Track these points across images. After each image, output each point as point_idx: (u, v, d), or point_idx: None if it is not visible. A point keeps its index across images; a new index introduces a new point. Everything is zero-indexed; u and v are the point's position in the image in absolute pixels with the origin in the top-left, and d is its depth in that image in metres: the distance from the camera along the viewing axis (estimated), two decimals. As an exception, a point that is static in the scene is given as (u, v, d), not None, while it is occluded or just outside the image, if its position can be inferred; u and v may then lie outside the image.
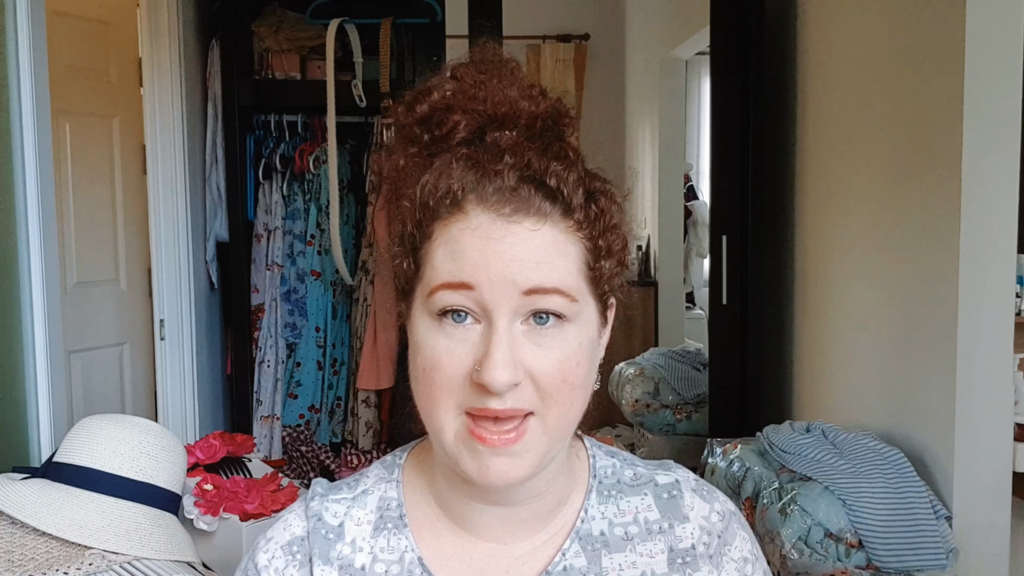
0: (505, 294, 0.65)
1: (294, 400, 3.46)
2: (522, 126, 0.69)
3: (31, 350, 2.11)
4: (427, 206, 0.69)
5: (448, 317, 0.67)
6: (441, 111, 0.70)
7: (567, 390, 0.68)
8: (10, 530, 1.44)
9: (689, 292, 5.66)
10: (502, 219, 0.66)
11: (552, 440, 0.69)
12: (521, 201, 0.67)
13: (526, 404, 0.66)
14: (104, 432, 1.57)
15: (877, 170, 2.60)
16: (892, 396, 2.51)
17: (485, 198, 0.67)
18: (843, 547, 2.13)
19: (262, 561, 0.75)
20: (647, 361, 4.08)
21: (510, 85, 0.70)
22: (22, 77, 2.07)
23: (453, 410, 0.67)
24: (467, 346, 0.66)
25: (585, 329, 0.70)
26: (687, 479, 0.80)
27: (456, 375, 0.66)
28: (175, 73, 3.20)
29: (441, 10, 3.31)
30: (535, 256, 0.66)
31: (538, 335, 0.67)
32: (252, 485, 1.86)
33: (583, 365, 0.69)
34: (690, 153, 5.75)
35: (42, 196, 2.11)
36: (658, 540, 0.76)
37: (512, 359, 0.65)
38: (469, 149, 0.69)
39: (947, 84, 2.21)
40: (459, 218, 0.67)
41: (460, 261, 0.66)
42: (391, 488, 0.77)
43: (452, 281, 0.66)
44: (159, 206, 3.23)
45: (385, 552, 0.74)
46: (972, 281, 2.17)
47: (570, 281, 0.68)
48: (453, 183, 0.68)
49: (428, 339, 0.68)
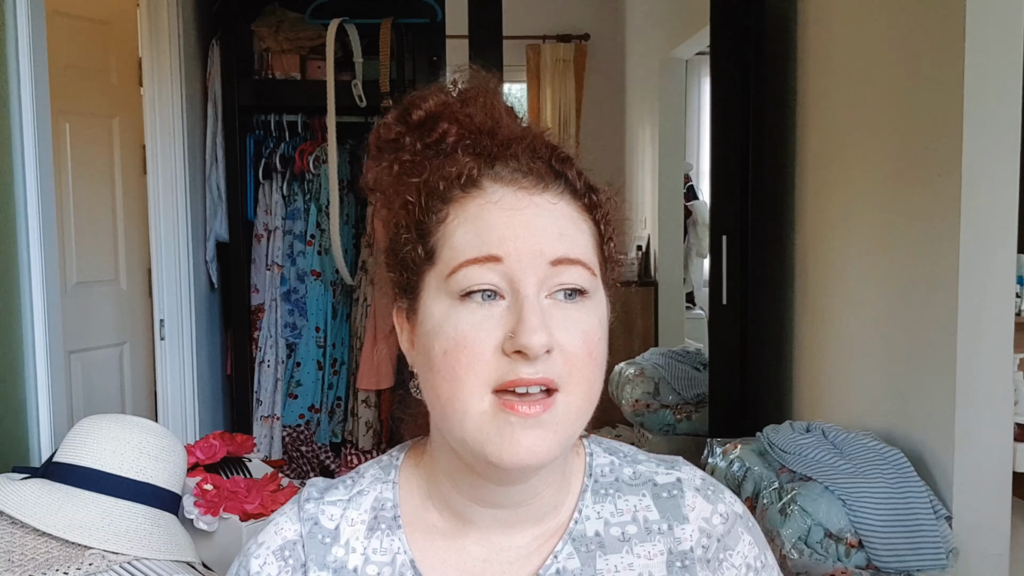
0: (532, 264, 0.66)
1: (294, 400, 3.46)
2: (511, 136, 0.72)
3: (31, 350, 2.11)
4: (437, 190, 0.69)
5: (474, 297, 0.66)
6: (434, 119, 0.72)
7: (592, 365, 0.68)
8: (10, 530, 1.44)
9: (689, 292, 5.65)
10: (523, 191, 0.68)
11: (577, 420, 0.68)
12: (537, 177, 0.69)
13: (554, 375, 0.66)
14: (104, 432, 1.57)
15: (877, 170, 2.60)
16: (892, 396, 2.51)
17: (502, 176, 0.69)
18: (843, 547, 2.13)
19: (254, 567, 0.74)
20: (647, 361, 4.08)
21: (496, 102, 0.73)
22: (22, 77, 2.07)
23: (480, 389, 0.66)
24: (493, 320, 0.66)
25: (602, 307, 0.71)
26: (691, 478, 0.78)
27: (485, 350, 0.65)
28: (175, 73, 3.20)
29: (441, 10, 3.31)
30: (558, 227, 0.68)
31: (562, 309, 0.67)
32: (252, 485, 1.86)
33: (603, 342, 0.70)
34: (690, 153, 5.74)
35: (42, 196, 2.11)
36: (657, 541, 0.74)
37: (545, 324, 0.65)
38: (473, 143, 0.71)
39: (947, 84, 2.21)
40: (477, 195, 0.68)
41: (486, 235, 0.67)
42: (387, 489, 0.76)
43: (479, 256, 0.66)
44: (159, 206, 3.23)
45: (377, 553, 0.74)
46: (972, 281, 2.17)
47: (589, 256, 0.69)
48: (468, 163, 0.69)
49: (449, 320, 0.67)
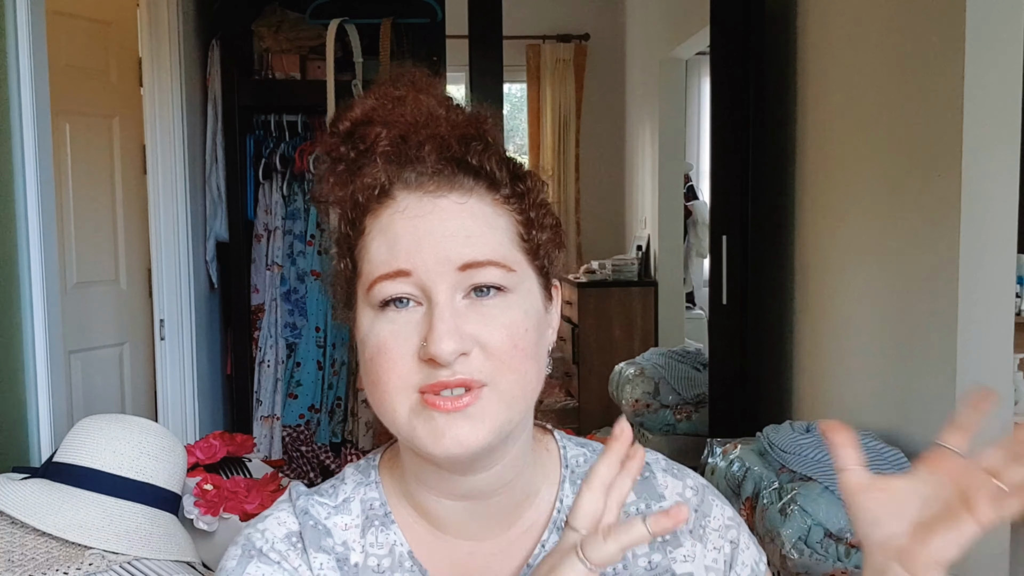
0: (441, 272, 0.66)
1: (294, 400, 3.46)
2: (442, 129, 0.71)
3: (31, 350, 2.11)
4: (357, 203, 0.70)
5: (390, 306, 0.68)
6: (362, 125, 0.72)
7: (519, 356, 0.68)
8: (10, 530, 1.44)
9: (689, 292, 5.65)
10: (428, 196, 0.68)
11: (509, 408, 0.68)
12: (444, 178, 0.69)
13: (477, 374, 0.66)
14: (104, 432, 1.57)
15: (877, 169, 2.60)
16: (892, 396, 2.51)
17: (409, 182, 0.69)
18: (843, 547, 2.13)
19: (264, 546, 0.73)
20: (647, 361, 4.08)
21: (427, 97, 0.72)
22: (22, 77, 2.07)
23: (404, 390, 0.67)
24: (411, 327, 0.67)
25: (529, 298, 0.70)
26: (656, 460, 0.82)
27: (403, 355, 0.67)
28: (175, 73, 3.21)
29: (441, 10, 3.31)
30: (464, 230, 0.68)
31: (481, 307, 0.67)
32: (252, 485, 1.86)
33: (531, 333, 0.69)
34: (690, 153, 5.74)
35: (42, 196, 2.11)
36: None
37: (456, 329, 0.65)
38: (392, 148, 0.71)
39: (947, 84, 2.21)
40: (388, 204, 0.69)
41: (394, 248, 0.68)
42: (371, 489, 0.77)
43: (389, 271, 0.67)
44: (159, 206, 3.23)
45: (375, 547, 0.75)
46: (972, 281, 2.17)
47: (503, 252, 0.69)
48: (379, 175, 0.70)
49: (373, 330, 0.69)
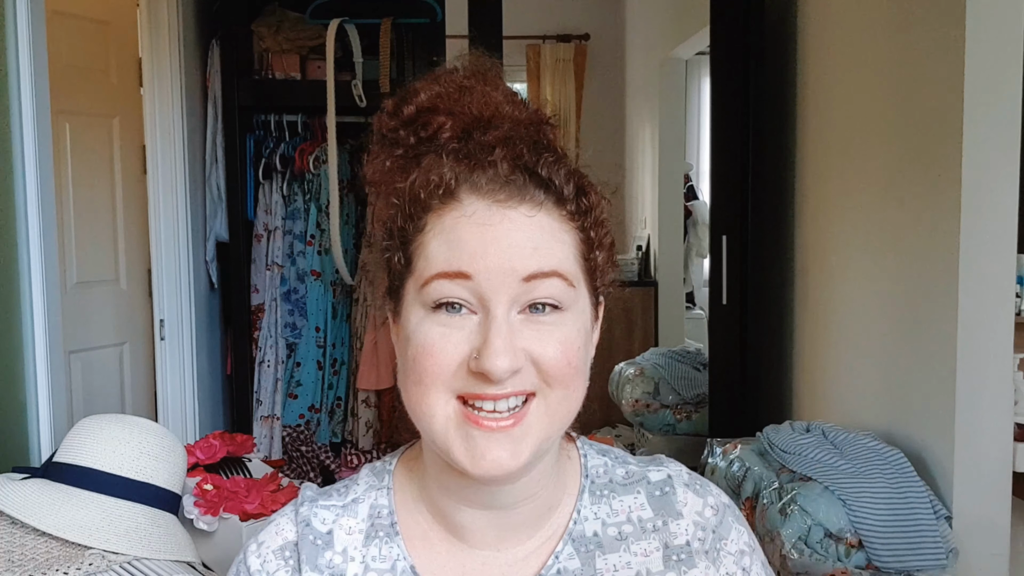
0: (504, 282, 0.65)
1: (294, 400, 3.46)
2: (507, 127, 0.70)
3: (31, 350, 2.11)
4: (418, 198, 0.68)
5: (443, 309, 0.66)
6: (427, 113, 0.70)
7: (572, 373, 0.67)
8: (10, 530, 1.44)
9: (689, 292, 5.65)
10: (498, 205, 0.66)
11: (551, 424, 0.68)
12: (515, 188, 0.67)
13: (528, 386, 0.66)
14: (104, 432, 1.57)
15: (877, 170, 2.60)
16: (892, 396, 2.51)
17: (479, 187, 0.67)
18: (843, 547, 2.13)
19: (254, 566, 0.73)
20: (647, 361, 4.08)
21: (494, 89, 0.71)
22: (22, 77, 2.07)
23: (444, 395, 0.66)
24: (463, 333, 0.66)
25: (582, 317, 0.70)
26: (679, 474, 0.79)
27: (450, 361, 0.65)
28: (175, 73, 3.20)
29: (441, 10, 3.31)
30: (532, 242, 0.66)
31: (536, 323, 0.66)
32: (252, 485, 1.86)
33: (583, 350, 0.69)
34: (690, 153, 5.74)
35: (42, 196, 2.11)
36: (652, 538, 0.75)
37: (512, 346, 0.65)
38: (459, 144, 0.69)
39: (947, 84, 2.21)
40: (453, 207, 0.67)
41: (457, 250, 0.66)
42: (382, 496, 0.76)
43: (448, 270, 0.66)
44: (159, 206, 3.23)
45: (377, 561, 0.73)
46: (972, 281, 2.17)
47: (568, 266, 0.68)
48: (445, 173, 0.67)
49: (421, 328, 0.67)
